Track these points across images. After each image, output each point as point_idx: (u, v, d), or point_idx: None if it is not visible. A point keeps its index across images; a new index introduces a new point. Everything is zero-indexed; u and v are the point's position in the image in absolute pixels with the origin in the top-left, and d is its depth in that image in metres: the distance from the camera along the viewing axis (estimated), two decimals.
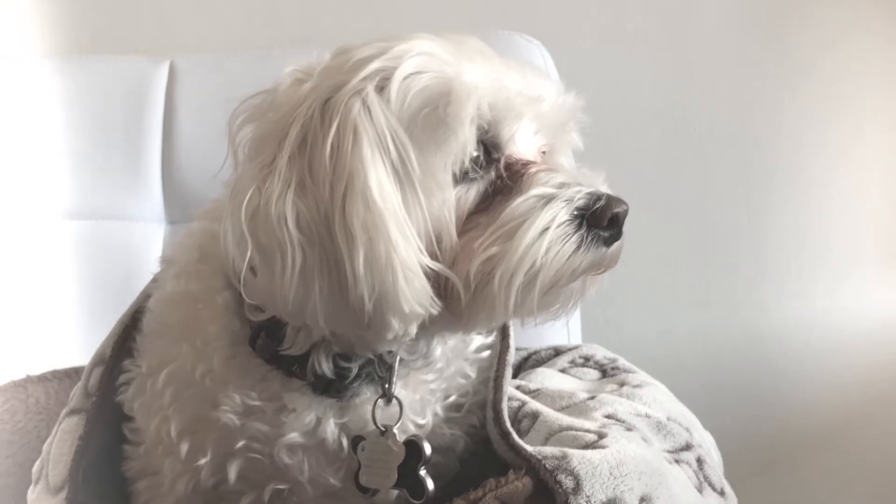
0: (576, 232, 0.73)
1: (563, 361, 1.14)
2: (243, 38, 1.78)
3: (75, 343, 1.38)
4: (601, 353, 1.16)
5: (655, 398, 0.98)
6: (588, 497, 0.72)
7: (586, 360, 1.14)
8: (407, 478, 0.80)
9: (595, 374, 1.11)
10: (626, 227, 0.76)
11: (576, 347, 1.19)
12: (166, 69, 1.56)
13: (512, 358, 0.92)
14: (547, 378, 1.06)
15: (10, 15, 1.77)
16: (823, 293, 1.80)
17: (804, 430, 1.82)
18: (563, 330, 1.45)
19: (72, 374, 1.18)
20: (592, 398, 0.94)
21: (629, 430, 0.85)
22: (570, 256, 0.72)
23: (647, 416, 0.92)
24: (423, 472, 0.80)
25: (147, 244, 1.54)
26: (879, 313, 1.78)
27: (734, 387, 1.82)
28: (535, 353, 1.20)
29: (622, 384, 1.03)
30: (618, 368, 1.11)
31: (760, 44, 1.76)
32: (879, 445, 1.81)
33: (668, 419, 0.93)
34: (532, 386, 1.00)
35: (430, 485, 0.80)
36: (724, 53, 1.78)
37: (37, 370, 1.17)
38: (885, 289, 1.79)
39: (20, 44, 1.75)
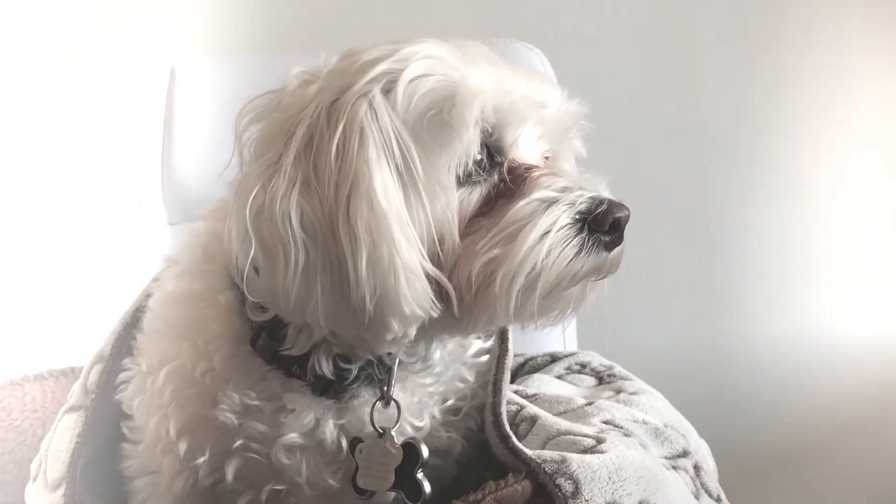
0: (577, 235, 0.73)
1: (559, 368, 1.15)
2: (244, 41, 1.79)
3: (73, 342, 1.37)
4: (597, 360, 1.16)
5: (652, 405, 0.99)
6: (587, 501, 0.73)
7: (583, 367, 1.15)
8: (404, 480, 0.80)
9: (591, 380, 1.11)
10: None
11: (572, 354, 1.19)
12: (168, 70, 1.56)
13: (511, 362, 0.92)
14: (544, 384, 1.06)
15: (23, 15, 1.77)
16: (818, 305, 1.81)
17: (795, 440, 1.83)
18: (559, 337, 1.45)
19: (68, 373, 1.18)
20: (590, 404, 0.94)
21: (627, 435, 0.86)
22: (571, 260, 0.73)
23: (644, 422, 0.92)
24: (420, 475, 0.81)
25: (146, 244, 1.53)
26: (874, 326, 1.79)
27: (727, 397, 1.83)
28: (532, 359, 1.20)
29: (619, 391, 1.03)
30: (614, 376, 1.11)
31: (760, 52, 1.77)
32: (870, 456, 1.81)
33: (665, 426, 0.93)
34: (530, 391, 1.00)
35: (427, 487, 0.80)
36: (723, 64, 1.79)
37: (35, 369, 1.17)
38: (882, 301, 1.80)
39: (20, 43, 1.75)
